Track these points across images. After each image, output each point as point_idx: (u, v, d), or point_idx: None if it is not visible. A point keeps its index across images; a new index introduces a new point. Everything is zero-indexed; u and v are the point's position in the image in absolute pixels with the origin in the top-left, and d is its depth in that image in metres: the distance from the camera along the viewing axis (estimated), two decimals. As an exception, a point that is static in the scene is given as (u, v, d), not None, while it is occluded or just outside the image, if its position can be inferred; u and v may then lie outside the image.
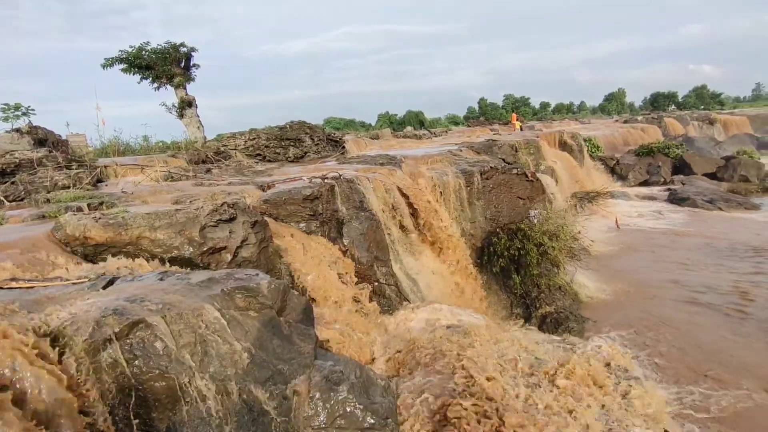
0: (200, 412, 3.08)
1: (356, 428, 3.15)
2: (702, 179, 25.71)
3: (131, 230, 5.42)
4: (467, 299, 10.18)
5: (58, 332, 2.93)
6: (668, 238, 16.91)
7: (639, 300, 11.63)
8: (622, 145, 35.39)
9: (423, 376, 4.67)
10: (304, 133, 14.71)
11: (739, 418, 6.62)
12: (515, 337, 6.83)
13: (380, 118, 73.81)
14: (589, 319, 10.75)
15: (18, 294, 3.51)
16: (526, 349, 5.92)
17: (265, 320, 3.60)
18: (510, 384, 4.44)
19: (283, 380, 3.29)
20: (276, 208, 7.42)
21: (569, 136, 25.13)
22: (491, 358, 5.27)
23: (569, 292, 11.68)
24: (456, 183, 11.50)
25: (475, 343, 5.68)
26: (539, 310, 11.08)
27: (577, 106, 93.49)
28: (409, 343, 5.89)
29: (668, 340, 9.36)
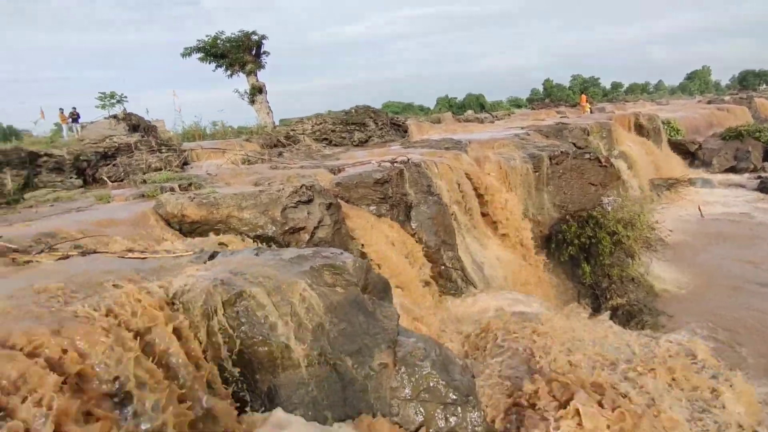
0: (297, 377, 3.35)
1: (439, 402, 3.28)
2: (801, 166, 23.07)
3: (221, 209, 5.87)
4: (533, 287, 10.00)
5: (176, 298, 3.30)
6: (756, 231, 15.46)
7: (721, 294, 10.82)
8: (705, 127, 32.39)
9: (497, 359, 4.72)
10: (369, 117, 14.90)
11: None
12: (588, 326, 6.66)
13: (439, 101, 72.59)
14: (664, 313, 10.19)
15: (138, 263, 3.96)
16: (602, 339, 5.78)
17: (351, 297, 3.81)
18: (589, 371, 4.39)
19: (369, 353, 3.49)
20: (347, 191, 7.66)
21: (645, 118, 23.42)
22: (566, 345, 5.21)
23: (643, 284, 11.10)
24: (523, 168, 11.20)
25: (549, 330, 5.63)
26: (610, 302, 10.64)
27: (653, 85, 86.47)
28: (478, 326, 5.95)
29: (754, 336, 8.70)
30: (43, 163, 8.20)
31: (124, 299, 3.01)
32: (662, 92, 75.79)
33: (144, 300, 3.03)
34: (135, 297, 3.07)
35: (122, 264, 4.02)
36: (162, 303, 3.13)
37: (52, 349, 2.34)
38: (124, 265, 3.99)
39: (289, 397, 3.30)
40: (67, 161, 8.46)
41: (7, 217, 6.35)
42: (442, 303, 7.34)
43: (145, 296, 3.10)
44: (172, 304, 3.34)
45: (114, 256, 4.23)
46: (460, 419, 3.28)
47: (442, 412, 3.26)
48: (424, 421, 3.22)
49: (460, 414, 3.27)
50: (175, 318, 3.09)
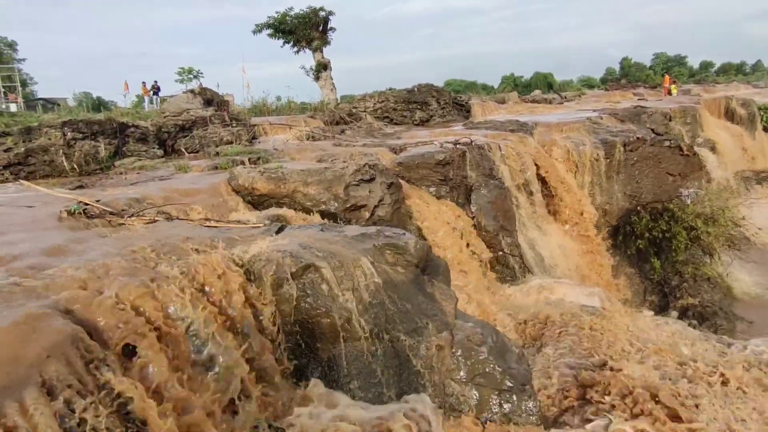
0: (356, 349, 3.50)
1: (494, 388, 3.30)
2: None
3: (288, 184, 6.12)
4: (595, 279, 9.59)
5: (250, 266, 3.54)
6: None
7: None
8: (812, 115, 28.70)
9: (555, 350, 4.64)
10: (431, 96, 14.69)
11: None
12: (655, 325, 6.33)
13: (504, 80, 69.78)
14: (743, 319, 9.42)
15: (214, 232, 4.27)
16: (669, 340, 5.49)
17: (411, 277, 3.88)
18: (652, 374, 4.20)
19: (427, 333, 3.56)
20: (408, 171, 7.68)
21: (739, 103, 21.14)
22: (629, 343, 5.01)
23: (720, 285, 10.29)
24: (594, 154, 10.60)
25: (610, 325, 5.42)
26: (679, 301, 10.00)
27: (750, 66, 77.53)
28: (536, 315, 5.84)
29: None
30: (131, 133, 8.92)
31: (205, 264, 3.28)
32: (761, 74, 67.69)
33: (223, 266, 3.28)
34: (216, 263, 3.33)
35: (201, 231, 4.35)
36: (238, 270, 3.36)
37: (149, 305, 2.61)
38: (202, 232, 4.32)
39: (347, 367, 3.46)
40: (151, 132, 9.14)
41: (102, 182, 7.02)
42: (499, 289, 7.25)
43: (224, 263, 3.35)
44: (247, 272, 3.58)
45: (194, 224, 4.58)
46: (515, 406, 3.29)
47: (497, 398, 3.29)
48: (477, 404, 3.26)
49: (515, 401, 3.28)
50: (249, 285, 3.32)
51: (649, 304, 10.43)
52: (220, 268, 3.26)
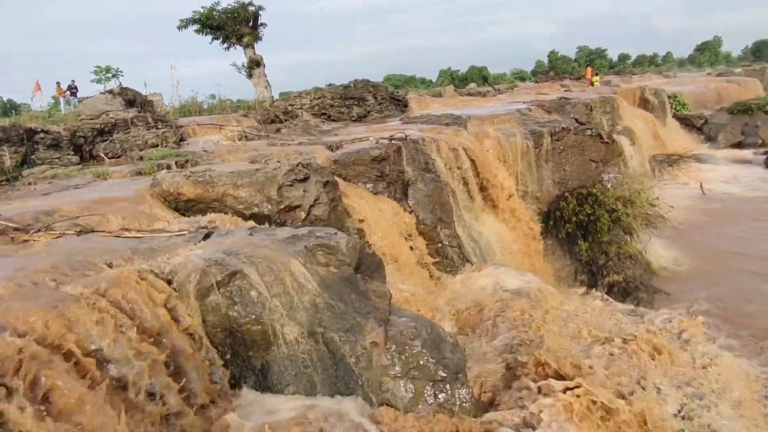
0: (289, 355, 3.44)
1: (429, 380, 3.37)
2: (808, 141, 22.77)
3: (217, 187, 5.88)
4: (530, 263, 10.06)
5: (171, 277, 3.36)
6: (759, 207, 15.40)
7: (720, 273, 10.86)
8: (714, 102, 31.78)
9: (489, 335, 4.81)
10: (368, 91, 14.69)
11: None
12: (582, 303, 6.75)
13: (442, 74, 71.31)
14: (661, 291, 10.27)
15: (134, 243, 4.01)
16: (595, 316, 5.87)
17: (344, 276, 3.86)
18: (579, 349, 4.47)
19: (361, 331, 3.56)
20: (344, 168, 7.64)
21: (651, 92, 23.00)
22: (559, 322, 5.30)
23: (641, 261, 11.16)
24: (524, 144, 11.10)
25: (543, 306, 5.71)
26: (606, 279, 10.72)
27: (661, 57, 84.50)
28: (473, 304, 6.03)
29: (753, 318, 8.77)
30: (41, 139, 8.18)
31: (119, 280, 3.06)
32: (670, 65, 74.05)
33: (139, 280, 3.09)
34: (130, 277, 3.12)
35: (118, 243, 4.07)
36: (157, 283, 3.18)
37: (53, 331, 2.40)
38: (120, 244, 4.04)
39: (281, 373, 3.40)
40: (64, 138, 8.43)
41: (7, 194, 6.38)
42: (438, 280, 7.41)
43: (140, 277, 3.15)
44: (168, 284, 3.40)
45: (110, 236, 4.28)
46: (449, 395, 3.37)
47: (431, 389, 3.36)
48: (413, 397, 3.31)
49: (449, 390, 3.37)
50: (172, 298, 3.15)
51: (580, 283, 11.13)
52: (137, 281, 3.07)
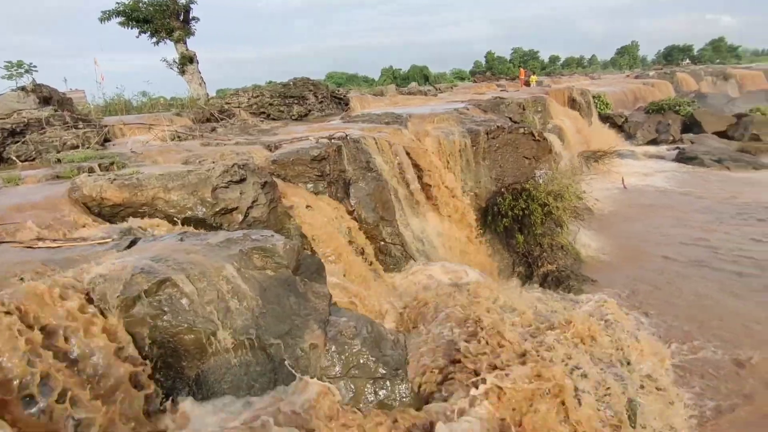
0: (226, 362, 3.34)
1: (369, 377, 3.40)
2: (712, 138, 25.32)
3: (146, 191, 5.56)
4: (471, 258, 10.42)
5: (92, 289, 3.13)
6: (673, 199, 16.95)
7: (640, 260, 11.84)
8: (632, 102, 34.59)
9: (429, 330, 4.93)
10: (308, 90, 14.51)
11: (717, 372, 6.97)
12: (518, 293, 7.09)
13: (384, 72, 71.87)
14: (589, 278, 11.01)
15: (49, 253, 3.70)
16: (530, 305, 6.18)
17: (282, 279, 3.80)
18: (513, 335, 4.70)
19: (300, 334, 3.52)
20: (284, 168, 7.51)
21: (578, 93, 24.57)
22: (495, 312, 5.53)
23: (571, 251, 11.90)
24: (462, 143, 11.46)
25: (480, 299, 5.93)
26: (541, 269, 11.33)
27: (587, 59, 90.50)
28: (415, 300, 6.16)
29: (666, 299, 9.64)
30: (-63, 141, 7.32)
31: (29, 295, 2.82)
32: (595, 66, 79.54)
33: (54, 295, 2.85)
34: (43, 292, 2.88)
35: (30, 255, 3.74)
36: (74, 296, 2.96)
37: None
38: (32, 255, 3.71)
39: (217, 381, 3.29)
40: (-34, 139, 7.59)
41: None
42: (382, 278, 7.49)
43: (55, 290, 2.92)
44: (87, 297, 3.18)
45: (21, 246, 3.92)
46: (389, 392, 3.43)
47: (371, 387, 3.39)
48: (354, 396, 3.33)
49: (389, 387, 3.42)
50: (91, 312, 2.95)
51: (518, 274, 11.70)
52: (50, 296, 2.84)
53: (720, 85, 49.03)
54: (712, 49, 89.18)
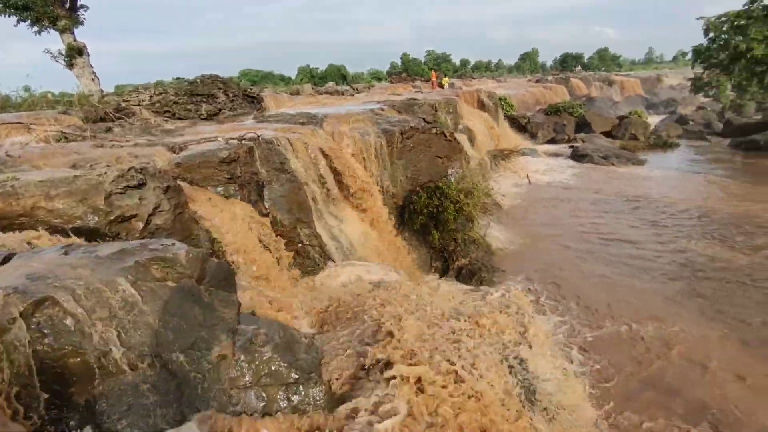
0: (121, 384, 3.08)
1: (281, 384, 3.35)
2: (599, 137, 28.34)
3: (23, 200, 4.94)
4: (389, 256, 10.65)
5: (-51, 316, 2.73)
6: (570, 193, 18.69)
7: (542, 249, 12.92)
8: (533, 104, 37.58)
9: (345, 330, 4.97)
10: (217, 88, 13.83)
11: (607, 345, 7.89)
12: (434, 288, 7.39)
13: (300, 71, 70.79)
14: (499, 269, 11.77)
15: None
16: (443, 298, 6.47)
17: (185, 290, 3.60)
18: (426, 329, 4.90)
19: (207, 346, 3.37)
20: (190, 171, 7.09)
21: (486, 95, 26.14)
22: (410, 309, 5.71)
23: (482, 244, 12.64)
24: (377, 143, 11.66)
25: (398, 296, 6.09)
26: (456, 263, 11.90)
27: (495, 64, 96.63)
28: (332, 301, 6.16)
29: (564, 283, 10.63)
30: None
31: None
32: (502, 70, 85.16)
33: None
34: None
35: None
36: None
37: None
38: None
39: (111, 407, 3.03)
40: None
41: None
42: (300, 281, 7.40)
43: None
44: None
45: None
46: (303, 396, 3.40)
47: (284, 393, 3.34)
48: (265, 405, 3.26)
49: (302, 391, 3.40)
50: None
51: (435, 269, 12.17)
52: None
53: (605, 90, 54.99)
54: (598, 57, 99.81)
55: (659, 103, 49.43)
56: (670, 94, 55.09)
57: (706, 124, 32.39)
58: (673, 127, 30.95)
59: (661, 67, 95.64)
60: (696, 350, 7.54)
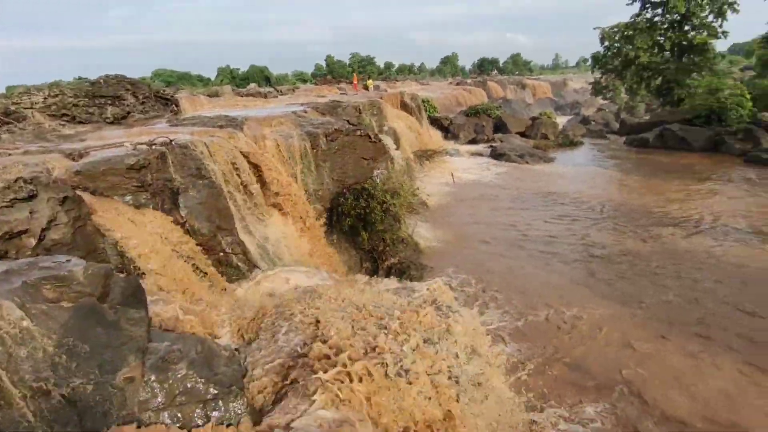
0: (13, 418, 2.75)
1: (199, 401, 3.19)
2: (515, 137, 30.21)
3: None
4: (319, 259, 10.55)
5: None
6: (491, 190, 19.70)
7: (468, 245, 13.47)
8: (455, 106, 39.16)
9: (271, 339, 4.84)
10: (125, 89, 12.83)
11: (531, 330, 8.46)
12: (363, 289, 7.42)
13: (221, 72, 67.83)
14: (427, 266, 12.10)
15: None
16: (372, 299, 6.51)
17: (84, 310, 3.30)
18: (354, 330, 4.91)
19: (112, 369, 3.12)
20: (93, 180, 6.51)
21: (409, 97, 26.78)
22: (338, 312, 5.69)
23: (411, 243, 12.93)
24: (302, 146, 11.49)
25: (324, 300, 6.04)
26: (385, 263, 12.05)
27: (418, 67, 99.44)
28: (258, 310, 5.97)
29: (488, 276, 11.18)
30: None
31: None
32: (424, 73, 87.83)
33: None
34: None
35: None
36: None
37: None
38: None
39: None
40: None
41: None
42: (222, 291, 7.08)
43: None
44: None
45: None
46: (223, 411, 3.27)
47: (201, 411, 3.18)
48: (182, 425, 3.08)
49: (222, 407, 3.26)
50: None
51: (365, 271, 12.24)
52: None
53: (519, 93, 58.75)
54: (512, 62, 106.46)
55: (566, 105, 53.88)
56: (574, 97, 60.28)
57: (605, 123, 35.79)
58: (578, 127, 33.84)
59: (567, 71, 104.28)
60: (604, 328, 8.32)
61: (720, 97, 24.97)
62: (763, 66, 30.47)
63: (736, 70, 46.26)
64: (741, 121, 24.19)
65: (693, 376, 6.89)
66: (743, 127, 23.78)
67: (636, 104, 38.35)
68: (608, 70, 36.24)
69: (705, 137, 24.83)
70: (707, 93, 26.01)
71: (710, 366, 7.10)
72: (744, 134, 23.55)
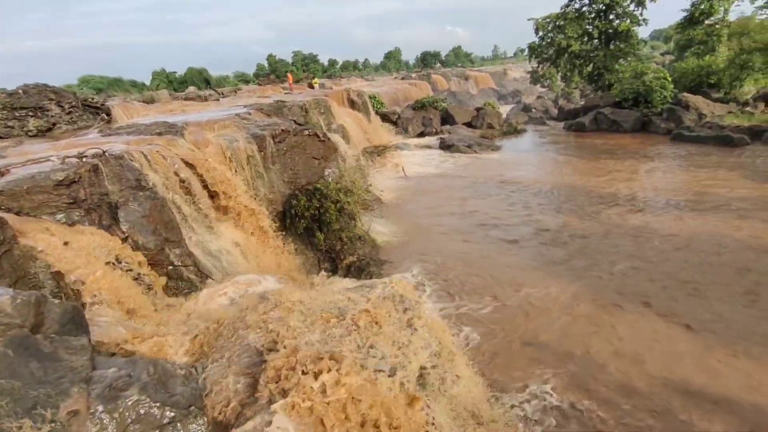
0: (-69, 477, 2.46)
1: (154, 428, 2.99)
2: (462, 128, 30.89)
3: None
4: (275, 264, 10.28)
5: None
6: (442, 181, 20.01)
7: (425, 237, 13.61)
8: (402, 100, 39.44)
9: (230, 352, 4.65)
10: (48, 99, 11.88)
11: (491, 313, 8.69)
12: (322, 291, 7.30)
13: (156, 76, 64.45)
14: (386, 261, 12.13)
15: None
16: (329, 300, 6.41)
17: (15, 343, 3.00)
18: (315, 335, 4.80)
19: (52, 404, 2.85)
20: (16, 199, 5.97)
21: (355, 94, 26.66)
22: (297, 316, 5.55)
23: (368, 240, 12.89)
24: (249, 149, 11.13)
25: (281, 307, 5.87)
26: (344, 261, 11.95)
27: (362, 63, 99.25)
28: (213, 321, 5.72)
29: (447, 266, 11.35)
30: None
31: None
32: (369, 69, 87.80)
33: None
34: None
35: None
36: None
37: None
38: None
39: None
40: None
41: None
42: (175, 306, 6.73)
43: None
44: None
45: None
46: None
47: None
48: (137, 455, 2.88)
49: (181, 429, 3.07)
50: None
51: (324, 271, 12.09)
52: None
53: (463, 85, 60.10)
54: (454, 55, 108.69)
55: (507, 94, 55.76)
56: (515, 86, 62.48)
57: (545, 110, 37.40)
58: (520, 115, 35.13)
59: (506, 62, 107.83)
60: (559, 303, 8.69)
61: (645, 80, 26.71)
62: (680, 50, 32.97)
63: (657, 54, 49.75)
64: (665, 102, 26.03)
65: (637, 340, 7.38)
66: (667, 108, 25.61)
67: (571, 91, 40.33)
68: (544, 59, 37.83)
69: (634, 118, 26.52)
70: (633, 77, 27.74)
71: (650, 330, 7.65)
72: (668, 114, 25.38)
